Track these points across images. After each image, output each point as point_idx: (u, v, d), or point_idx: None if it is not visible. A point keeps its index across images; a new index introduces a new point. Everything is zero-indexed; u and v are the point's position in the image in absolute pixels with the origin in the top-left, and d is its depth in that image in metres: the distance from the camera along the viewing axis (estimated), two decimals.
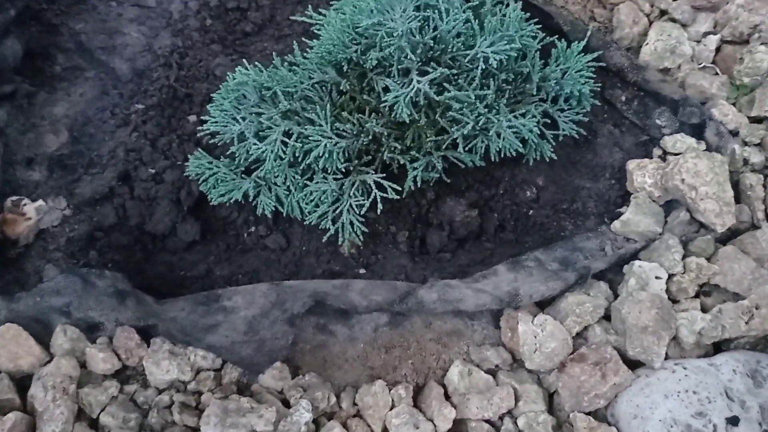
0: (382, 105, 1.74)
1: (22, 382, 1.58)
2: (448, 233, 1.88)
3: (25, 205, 1.83)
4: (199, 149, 1.90)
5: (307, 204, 1.77)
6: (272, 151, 1.73)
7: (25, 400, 1.54)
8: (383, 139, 1.77)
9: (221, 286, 1.77)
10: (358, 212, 1.74)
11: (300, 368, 1.67)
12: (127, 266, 1.81)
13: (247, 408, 1.46)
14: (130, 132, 1.99)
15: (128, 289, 1.67)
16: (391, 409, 1.57)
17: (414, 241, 1.89)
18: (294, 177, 1.76)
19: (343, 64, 1.80)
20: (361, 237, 1.78)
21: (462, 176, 1.93)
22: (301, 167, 1.75)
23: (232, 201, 1.83)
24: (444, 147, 1.78)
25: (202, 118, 1.96)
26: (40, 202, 1.85)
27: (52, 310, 1.62)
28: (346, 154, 1.75)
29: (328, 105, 1.75)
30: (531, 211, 1.91)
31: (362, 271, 1.83)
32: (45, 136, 1.98)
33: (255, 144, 1.76)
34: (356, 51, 1.77)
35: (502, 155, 1.79)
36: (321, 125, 1.71)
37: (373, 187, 1.74)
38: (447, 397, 1.61)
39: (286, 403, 1.59)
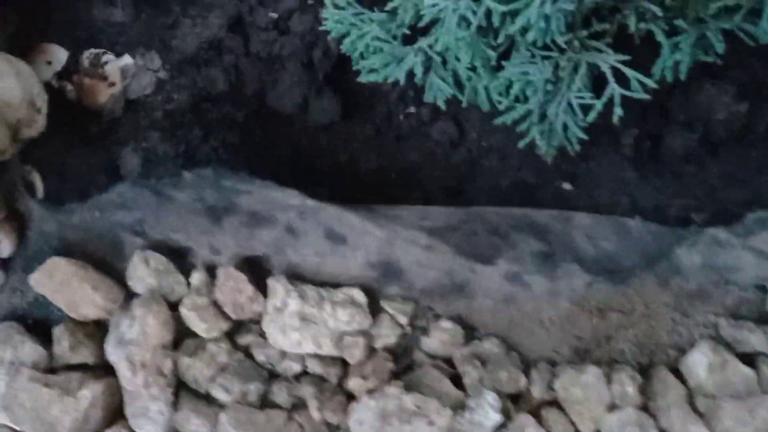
0: None
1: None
2: (700, 135, 1.28)
3: (106, 63, 1.35)
4: None
5: (501, 95, 1.19)
6: (454, 10, 1.12)
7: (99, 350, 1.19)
8: None
9: (369, 188, 1.31)
10: (580, 115, 1.16)
11: (476, 329, 1.22)
12: (244, 152, 1.35)
13: (412, 410, 1.05)
14: None
15: (224, 205, 1.22)
16: (610, 409, 1.12)
17: (643, 144, 1.31)
18: (485, 52, 1.16)
19: None
20: (578, 146, 1.21)
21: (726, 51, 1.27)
22: (497, 39, 1.15)
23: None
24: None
25: None
26: (126, 58, 1.36)
27: (119, 227, 1.22)
28: (569, 20, 1.12)
29: None
30: None
31: (566, 185, 1.30)
32: None
33: None
34: None
35: None
36: None
37: (609, 75, 1.12)
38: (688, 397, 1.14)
39: (457, 380, 1.17)
